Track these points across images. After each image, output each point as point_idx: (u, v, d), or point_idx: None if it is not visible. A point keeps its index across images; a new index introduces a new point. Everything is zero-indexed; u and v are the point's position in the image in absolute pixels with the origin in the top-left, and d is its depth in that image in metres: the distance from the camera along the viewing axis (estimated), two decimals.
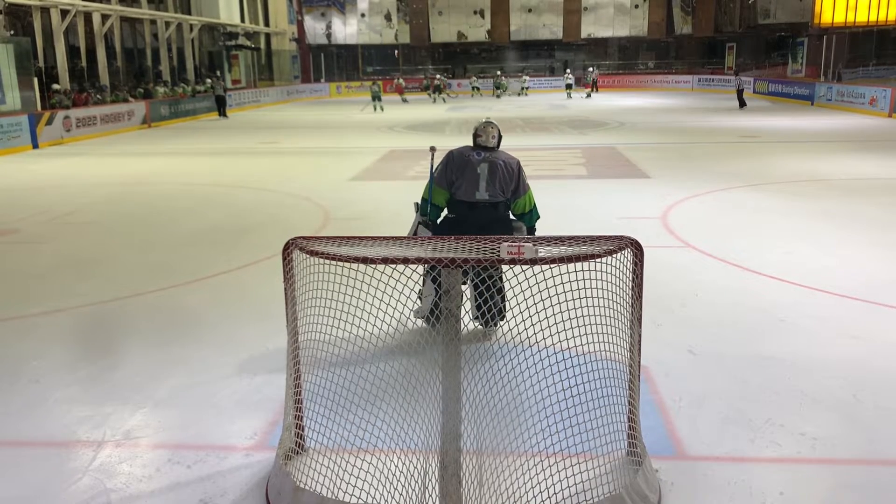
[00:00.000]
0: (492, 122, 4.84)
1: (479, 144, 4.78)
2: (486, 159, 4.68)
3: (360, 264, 2.79)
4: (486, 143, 4.77)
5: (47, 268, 7.00)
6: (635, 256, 3.01)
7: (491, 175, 4.64)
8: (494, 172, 4.65)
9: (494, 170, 4.65)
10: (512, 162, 4.76)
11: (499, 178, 4.65)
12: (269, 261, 6.86)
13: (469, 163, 4.67)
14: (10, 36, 19.45)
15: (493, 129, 4.81)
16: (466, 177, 4.65)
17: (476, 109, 28.12)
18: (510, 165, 4.73)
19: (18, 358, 4.76)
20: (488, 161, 4.67)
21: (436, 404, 2.89)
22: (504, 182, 4.68)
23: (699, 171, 12.08)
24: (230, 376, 4.40)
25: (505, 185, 4.69)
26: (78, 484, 3.30)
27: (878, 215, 8.49)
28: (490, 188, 4.64)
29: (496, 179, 4.65)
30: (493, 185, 4.64)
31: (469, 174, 4.65)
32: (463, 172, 4.66)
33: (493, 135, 4.79)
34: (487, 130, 4.78)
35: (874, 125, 19.40)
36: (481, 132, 4.79)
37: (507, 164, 4.71)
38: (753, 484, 3.18)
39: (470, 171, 4.65)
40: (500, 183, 4.66)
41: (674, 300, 5.59)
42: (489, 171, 4.64)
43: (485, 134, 4.78)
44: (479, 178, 4.63)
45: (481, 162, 4.67)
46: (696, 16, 41.01)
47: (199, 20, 30.39)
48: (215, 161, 15.04)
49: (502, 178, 4.67)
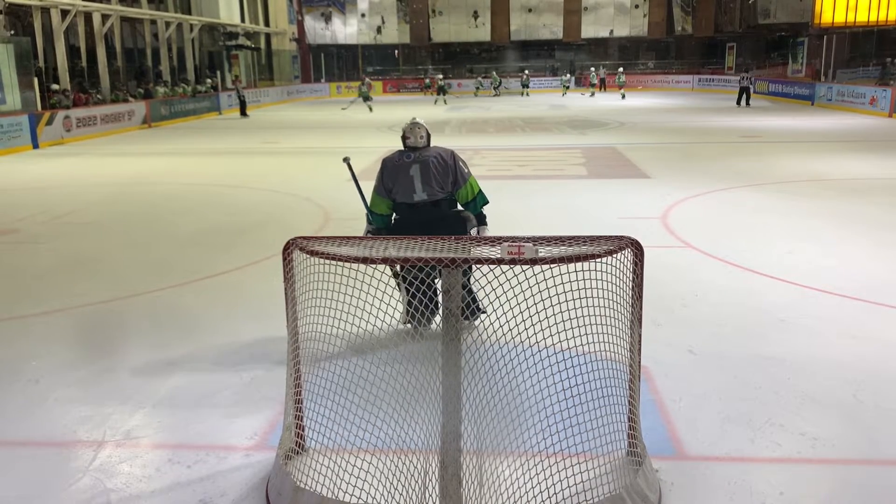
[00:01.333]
0: (418, 122, 4.86)
1: (409, 146, 4.81)
2: (416, 160, 4.70)
3: (360, 264, 2.79)
4: (415, 143, 4.79)
5: (47, 268, 7.00)
6: (635, 256, 3.01)
7: (424, 174, 4.66)
8: (427, 171, 4.67)
9: (427, 168, 4.67)
10: (445, 154, 4.76)
11: (433, 175, 4.67)
12: (269, 261, 6.86)
13: (401, 167, 4.70)
14: (10, 36, 19.44)
15: (421, 129, 4.82)
16: (401, 181, 4.68)
17: (476, 109, 28.13)
18: (442, 158, 4.73)
19: (18, 358, 4.76)
20: (419, 161, 4.70)
21: (436, 404, 2.89)
22: (440, 177, 4.69)
23: (699, 171, 12.08)
24: (230, 376, 4.40)
25: (442, 181, 4.70)
26: (78, 484, 3.30)
27: (878, 215, 8.49)
28: (427, 188, 4.66)
29: (430, 177, 4.66)
30: (430, 183, 4.66)
31: (402, 178, 4.68)
32: (397, 177, 4.70)
33: (422, 134, 4.81)
34: (415, 131, 4.80)
35: (874, 125, 19.39)
36: (409, 133, 4.81)
37: (439, 159, 4.72)
38: (753, 484, 3.19)
39: (403, 174, 4.68)
40: (436, 180, 4.68)
41: (674, 300, 5.59)
42: (421, 171, 4.67)
43: (413, 135, 4.80)
44: (412, 180, 4.66)
45: (412, 164, 4.69)
46: (696, 16, 41.00)
47: (199, 20, 30.38)
48: (215, 161, 15.04)
49: (437, 175, 4.68)
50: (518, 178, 11.72)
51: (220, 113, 28.69)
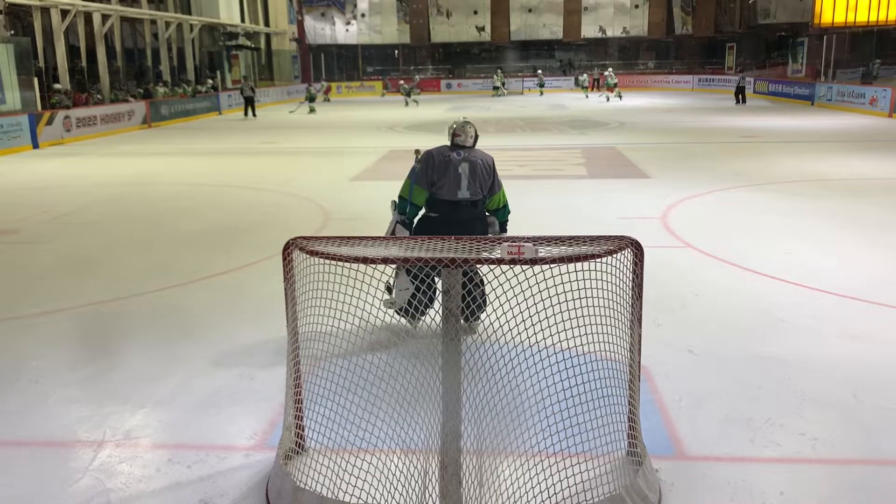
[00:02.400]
0: (469, 122, 4.98)
1: (458, 144, 4.88)
2: (465, 158, 4.79)
3: (360, 264, 2.79)
4: (464, 142, 4.88)
5: (47, 268, 7.00)
6: (635, 256, 3.01)
7: (472, 174, 4.77)
8: (475, 171, 4.78)
9: (475, 168, 4.78)
10: (488, 160, 4.90)
11: (479, 176, 4.79)
12: (269, 261, 6.86)
13: (450, 163, 4.77)
14: (10, 36, 19.44)
15: (471, 129, 4.93)
16: (449, 176, 4.75)
17: (476, 109, 28.10)
18: (487, 164, 4.87)
19: (18, 358, 4.76)
20: (468, 160, 4.79)
21: (436, 404, 2.89)
22: (483, 180, 4.82)
23: (699, 171, 12.08)
24: (230, 376, 4.40)
25: (483, 183, 4.83)
26: (78, 484, 3.30)
27: (878, 215, 8.49)
28: (472, 187, 4.77)
29: (477, 178, 4.78)
30: (475, 183, 4.78)
31: (451, 174, 4.75)
32: (445, 172, 4.76)
33: (471, 134, 4.91)
34: (466, 130, 4.90)
35: (874, 125, 19.39)
36: (460, 132, 4.90)
37: (484, 163, 4.85)
38: (753, 484, 3.19)
39: (452, 170, 4.76)
40: (480, 181, 4.80)
41: (674, 300, 5.59)
42: (470, 171, 4.76)
43: (463, 133, 4.89)
44: (461, 177, 4.75)
45: (462, 161, 4.78)
46: (697, 16, 40.99)
47: (199, 20, 30.37)
48: (215, 161, 15.04)
49: (482, 177, 4.80)
50: (518, 178, 11.70)
51: (220, 113, 28.66)
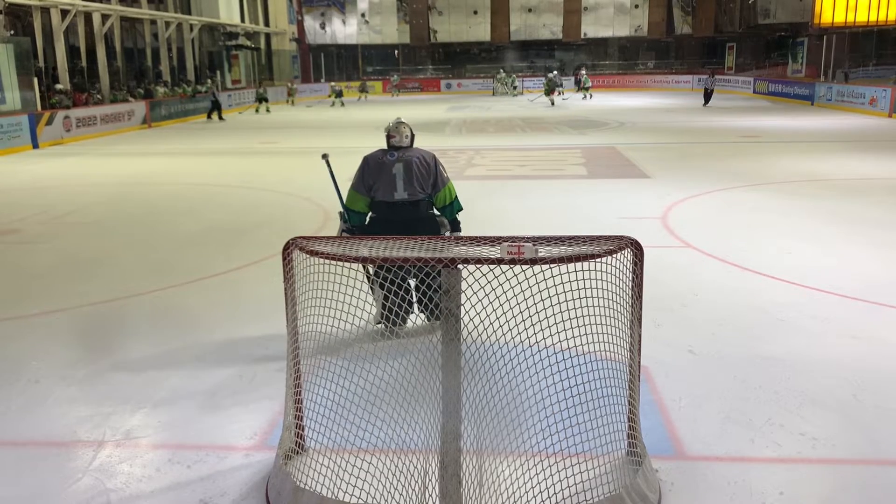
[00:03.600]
0: (403, 122, 4.92)
1: (393, 145, 4.85)
2: (399, 159, 4.75)
3: (360, 264, 2.79)
4: (399, 143, 4.85)
5: (47, 268, 6.99)
6: (635, 256, 3.01)
7: (407, 174, 4.71)
8: (410, 170, 4.72)
9: (409, 168, 4.73)
10: (427, 157, 4.84)
11: (415, 175, 4.73)
12: (269, 261, 6.86)
13: (384, 165, 4.75)
14: (10, 36, 19.44)
15: (405, 129, 4.88)
16: (383, 179, 4.72)
17: (476, 109, 28.09)
18: (425, 160, 4.80)
19: (18, 358, 4.76)
20: (402, 160, 4.75)
21: (436, 404, 2.89)
22: (421, 178, 4.75)
23: (699, 171, 12.08)
24: (230, 376, 4.40)
25: (423, 182, 4.76)
26: (78, 484, 3.29)
27: (878, 215, 8.49)
28: (408, 187, 4.72)
29: (413, 177, 4.72)
30: (411, 183, 4.72)
31: (385, 176, 4.72)
32: (379, 175, 4.74)
33: (406, 134, 4.87)
34: (400, 130, 4.86)
35: (874, 125, 19.39)
36: (394, 132, 4.86)
37: (422, 160, 4.78)
38: (753, 484, 3.18)
39: (385, 172, 4.72)
40: (418, 180, 4.74)
41: (674, 300, 5.59)
42: (405, 170, 4.72)
43: (398, 134, 4.85)
44: (395, 178, 4.71)
45: (395, 162, 4.74)
46: (696, 16, 40.98)
47: (199, 20, 30.37)
48: (215, 161, 15.04)
49: (419, 175, 4.74)
50: (518, 178, 11.71)
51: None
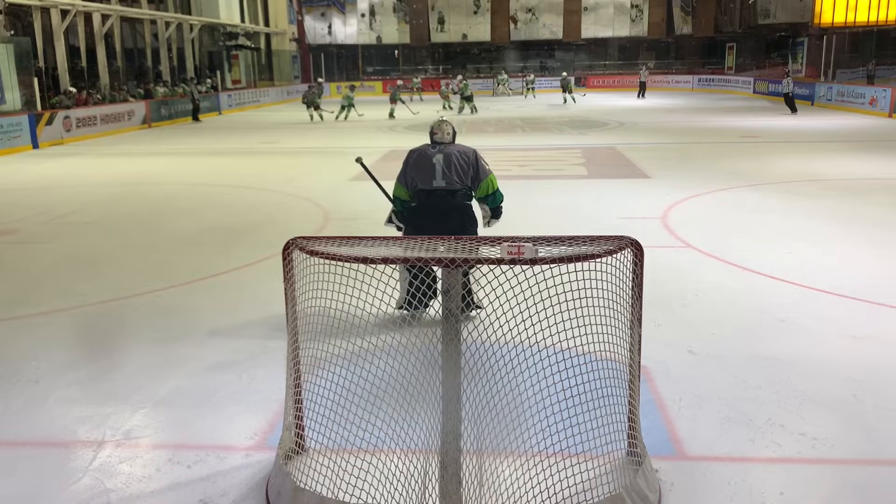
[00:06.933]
0: (446, 121, 5.31)
1: (436, 141, 5.21)
2: (440, 151, 5.09)
3: (360, 264, 2.79)
4: (441, 139, 5.20)
5: (47, 268, 6.99)
6: (635, 256, 3.00)
7: (446, 164, 5.02)
8: (449, 162, 5.03)
9: (449, 159, 5.03)
10: (468, 151, 5.14)
11: (454, 166, 5.02)
12: (269, 261, 6.86)
13: (425, 156, 5.09)
14: (10, 36, 19.44)
15: (448, 126, 5.26)
16: (423, 169, 5.05)
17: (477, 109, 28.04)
18: (466, 154, 5.10)
19: (18, 358, 4.76)
20: (443, 153, 5.07)
21: (436, 404, 2.89)
22: (460, 170, 5.03)
23: (699, 171, 12.08)
24: (230, 376, 4.40)
25: (462, 173, 5.04)
26: (78, 484, 3.29)
27: (878, 215, 8.49)
28: (446, 176, 5.01)
29: (451, 168, 5.02)
30: (450, 173, 5.01)
31: (425, 166, 5.05)
32: (421, 166, 5.07)
33: (448, 131, 5.24)
34: (442, 128, 5.23)
35: (874, 125, 19.39)
36: (437, 129, 5.24)
37: (462, 154, 5.08)
38: (753, 484, 3.18)
39: (426, 163, 5.06)
40: (457, 171, 5.02)
41: (674, 300, 5.59)
42: (444, 161, 5.03)
43: (440, 131, 5.22)
44: (434, 167, 5.02)
45: (436, 154, 5.07)
46: (696, 16, 40.97)
47: (199, 20, 30.36)
48: (215, 161, 15.04)
49: (458, 167, 5.02)
50: (518, 178, 11.71)
51: (220, 113, 28.65)
